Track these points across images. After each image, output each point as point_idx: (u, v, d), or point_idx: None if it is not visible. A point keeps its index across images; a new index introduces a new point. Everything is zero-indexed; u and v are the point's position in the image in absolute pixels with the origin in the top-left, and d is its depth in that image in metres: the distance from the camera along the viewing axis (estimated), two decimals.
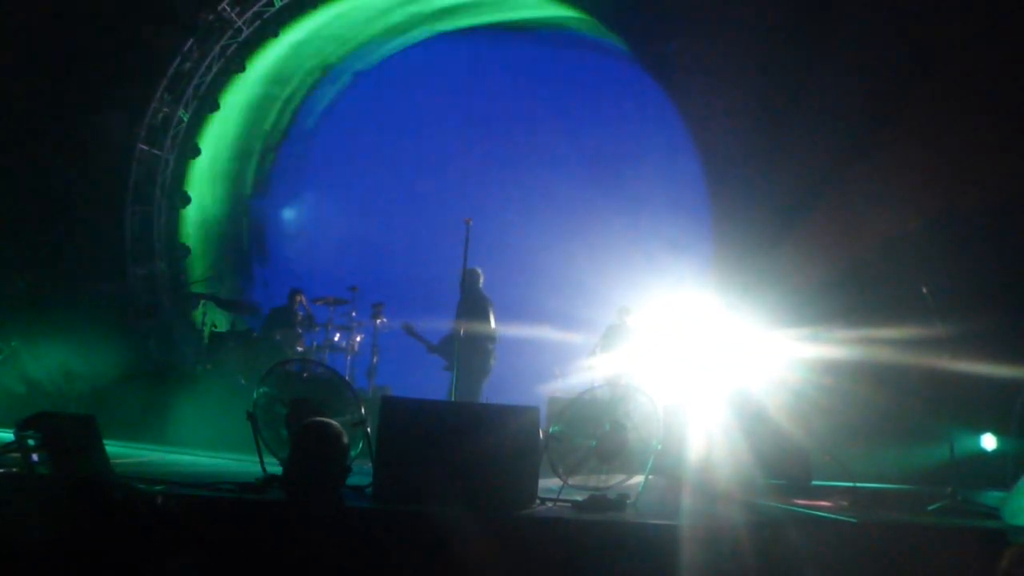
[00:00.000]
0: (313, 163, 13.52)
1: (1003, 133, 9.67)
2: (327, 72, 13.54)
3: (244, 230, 13.38)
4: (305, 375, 8.69)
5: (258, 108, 13.49)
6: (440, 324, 9.80)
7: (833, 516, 5.57)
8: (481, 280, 9.25)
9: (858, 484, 7.08)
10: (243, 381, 9.26)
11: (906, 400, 8.68)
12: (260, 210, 13.36)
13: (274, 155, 13.60)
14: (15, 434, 4.74)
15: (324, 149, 13.53)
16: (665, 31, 13.03)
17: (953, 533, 5.47)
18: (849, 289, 9.88)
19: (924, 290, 7.10)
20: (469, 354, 8.85)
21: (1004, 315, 9.04)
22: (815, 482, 7.31)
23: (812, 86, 11.02)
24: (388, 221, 13.06)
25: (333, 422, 4.03)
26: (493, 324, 9.19)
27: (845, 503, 6.45)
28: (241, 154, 13.52)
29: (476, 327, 8.93)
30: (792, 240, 10.38)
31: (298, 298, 10.75)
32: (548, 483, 5.91)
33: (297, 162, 13.60)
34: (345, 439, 3.94)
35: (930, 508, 6.37)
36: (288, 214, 13.37)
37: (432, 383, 9.46)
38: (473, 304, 9.09)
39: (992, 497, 6.71)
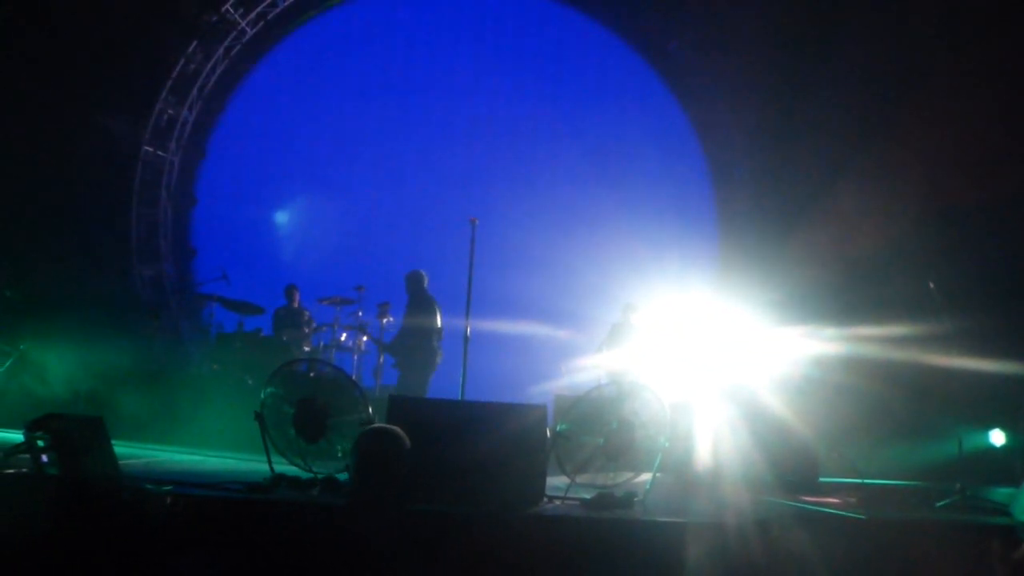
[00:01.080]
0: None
1: (1008, 129, 9.65)
2: None
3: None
4: (312, 375, 8.69)
5: None
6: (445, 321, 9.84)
7: (841, 513, 5.56)
8: (425, 281, 9.68)
9: (866, 481, 7.07)
10: (250, 381, 9.28)
11: (913, 396, 8.66)
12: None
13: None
14: (24, 435, 4.76)
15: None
16: (667, 29, 13.05)
17: (962, 530, 5.46)
18: (856, 285, 9.86)
19: (931, 286, 7.08)
20: (415, 350, 9.32)
21: (1011, 310, 9.01)
22: (823, 479, 7.30)
23: (818, 82, 11.01)
24: (394, 221, 13.08)
25: (396, 429, 4.06)
26: (439, 322, 9.48)
27: (853, 500, 6.43)
28: None
29: (422, 325, 9.34)
30: (798, 236, 10.36)
31: (296, 294, 10.80)
32: (555, 481, 5.91)
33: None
34: (407, 444, 3.97)
35: (939, 505, 6.36)
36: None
37: (439, 382, 9.48)
38: (418, 304, 9.50)
39: (1001, 493, 6.69)
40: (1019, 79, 9.53)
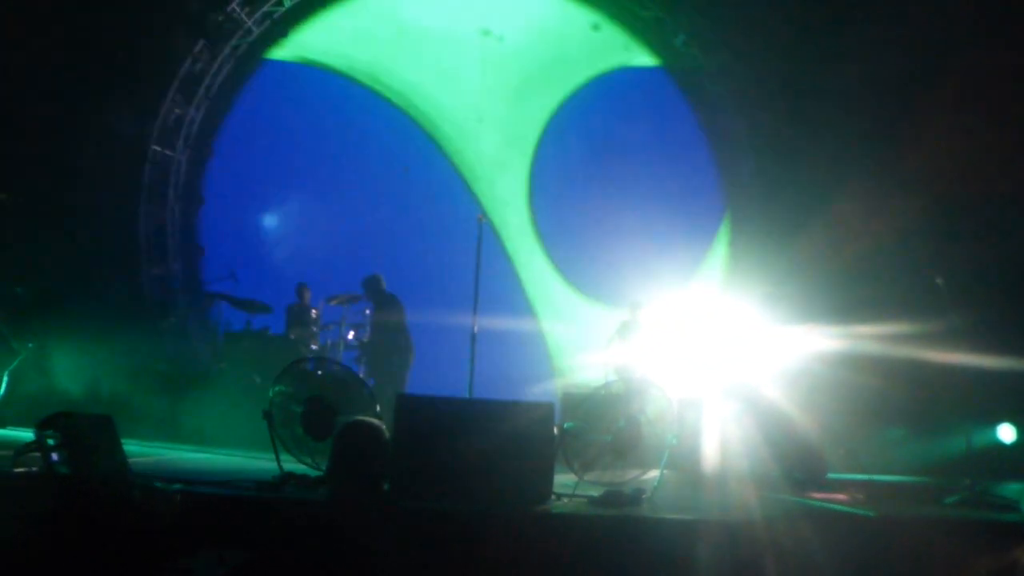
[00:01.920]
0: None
1: (1013, 127, 9.63)
2: None
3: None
4: (320, 373, 8.72)
5: None
6: (453, 319, 9.84)
7: (849, 510, 5.55)
8: (383, 283, 9.75)
9: (874, 477, 7.06)
10: (258, 380, 9.31)
11: (922, 392, 8.64)
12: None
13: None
14: (35, 434, 4.79)
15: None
16: (673, 24, 13.02)
17: (971, 526, 5.44)
18: (864, 281, 9.84)
19: (939, 282, 7.05)
20: (388, 350, 9.47)
21: (1020, 305, 8.98)
22: (831, 475, 7.29)
23: (826, 80, 10.99)
24: (402, 218, 13.09)
25: (375, 421, 4.06)
26: (404, 319, 9.61)
27: (861, 496, 6.42)
28: None
29: (394, 323, 9.50)
30: (806, 233, 10.34)
31: (306, 293, 10.83)
32: (563, 479, 5.91)
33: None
34: (386, 435, 3.97)
35: (947, 501, 6.34)
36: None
37: (447, 380, 9.47)
38: (384, 304, 9.64)
39: (1010, 489, 6.67)
40: (1021, 79, 9.52)
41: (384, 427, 4.00)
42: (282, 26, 13.15)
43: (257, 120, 13.28)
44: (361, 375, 9.80)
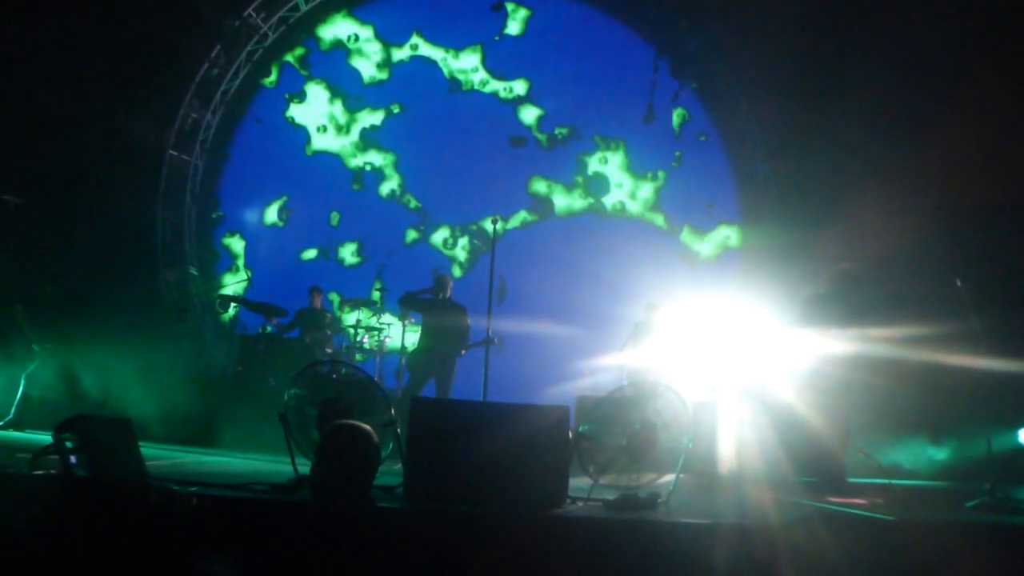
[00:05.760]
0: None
1: None
2: None
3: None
4: (335, 376, 8.74)
5: None
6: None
7: (868, 514, 5.49)
8: (450, 285, 9.33)
9: (894, 481, 6.98)
10: (273, 383, 9.35)
11: (941, 396, 8.55)
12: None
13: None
14: (53, 436, 4.82)
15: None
16: (689, 28, 12.99)
17: (992, 530, 5.38)
18: (881, 284, 9.75)
19: (958, 283, 6.98)
20: (444, 355, 9.07)
21: None
22: (850, 479, 7.22)
23: (846, 79, 10.93)
24: (416, 221, 13.12)
25: (362, 424, 4.04)
26: (465, 325, 9.23)
27: (881, 501, 6.36)
28: None
29: (451, 328, 9.09)
30: (823, 234, 10.27)
31: (318, 296, 10.86)
32: (578, 482, 5.89)
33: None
34: (375, 440, 3.95)
35: (968, 505, 6.27)
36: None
37: (461, 383, 9.48)
38: (447, 307, 9.26)
39: None
40: None
41: (370, 431, 3.97)
42: (298, 31, 13.24)
43: (271, 125, 13.38)
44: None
